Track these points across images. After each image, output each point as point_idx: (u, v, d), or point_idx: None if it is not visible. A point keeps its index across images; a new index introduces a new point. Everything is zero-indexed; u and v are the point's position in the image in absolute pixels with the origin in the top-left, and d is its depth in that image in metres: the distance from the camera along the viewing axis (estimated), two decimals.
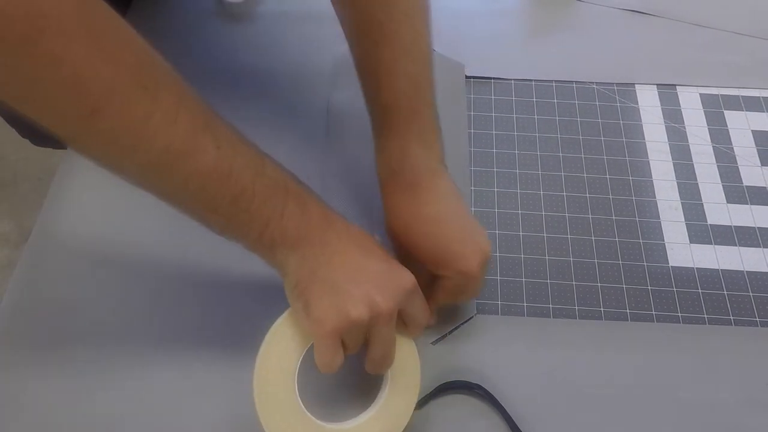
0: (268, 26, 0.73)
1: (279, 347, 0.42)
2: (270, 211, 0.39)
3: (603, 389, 0.50)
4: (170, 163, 0.35)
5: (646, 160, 0.63)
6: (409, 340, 0.47)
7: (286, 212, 0.39)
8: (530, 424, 0.48)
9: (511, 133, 0.65)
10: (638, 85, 0.69)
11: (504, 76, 0.69)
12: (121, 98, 0.32)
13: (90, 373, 0.50)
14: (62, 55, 0.30)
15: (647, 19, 0.74)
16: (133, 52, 0.34)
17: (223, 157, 0.36)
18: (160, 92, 0.34)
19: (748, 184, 0.62)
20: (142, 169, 0.36)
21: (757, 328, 0.53)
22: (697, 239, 0.58)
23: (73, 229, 0.57)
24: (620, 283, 0.55)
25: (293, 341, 0.43)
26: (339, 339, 0.41)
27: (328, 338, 0.40)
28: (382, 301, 0.40)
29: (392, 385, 0.46)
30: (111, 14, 0.33)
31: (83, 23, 0.30)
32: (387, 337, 0.42)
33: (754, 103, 0.68)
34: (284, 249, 0.40)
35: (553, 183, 0.62)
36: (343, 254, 0.41)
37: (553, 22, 0.74)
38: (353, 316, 0.39)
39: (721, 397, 0.50)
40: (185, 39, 0.71)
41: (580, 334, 0.53)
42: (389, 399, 0.45)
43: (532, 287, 0.55)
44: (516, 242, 0.58)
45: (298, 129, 0.64)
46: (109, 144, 0.34)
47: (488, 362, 0.51)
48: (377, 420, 0.45)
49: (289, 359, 0.42)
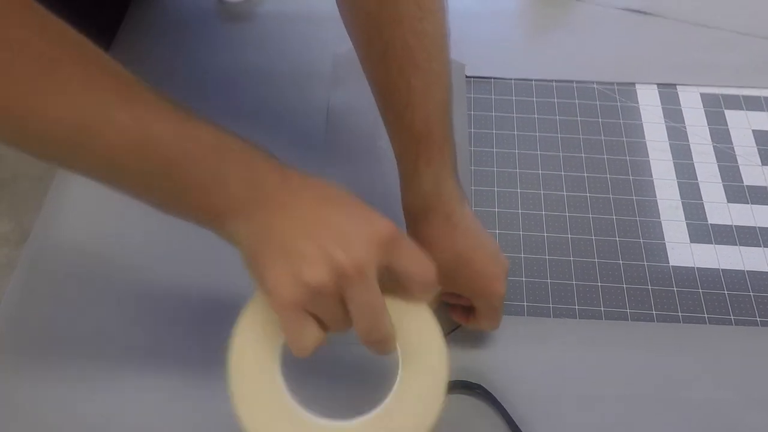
0: (268, 26, 0.72)
1: (252, 336, 0.36)
2: (208, 178, 0.34)
3: (603, 389, 0.50)
4: (76, 141, 0.33)
5: (647, 159, 0.63)
6: (422, 308, 0.37)
7: (229, 177, 0.34)
8: (530, 424, 0.48)
9: (511, 132, 0.65)
10: (638, 85, 0.69)
11: (504, 75, 0.69)
12: (14, 76, 0.31)
13: (90, 372, 0.50)
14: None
15: (647, 19, 0.74)
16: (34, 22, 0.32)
17: (138, 127, 0.33)
18: (60, 65, 0.32)
19: (749, 183, 0.62)
20: (44, 147, 0.34)
21: (757, 327, 0.53)
22: (698, 239, 0.58)
23: (73, 229, 0.57)
24: (620, 283, 0.55)
25: (268, 326, 0.36)
26: (302, 311, 0.34)
27: (288, 311, 0.33)
28: (344, 256, 0.32)
29: (407, 368, 0.37)
30: None
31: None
32: (368, 302, 0.34)
33: (754, 103, 0.68)
34: (233, 218, 0.35)
35: (553, 182, 0.61)
36: (299, 209, 0.35)
37: (553, 21, 0.74)
38: (308, 279, 0.32)
39: (721, 397, 0.50)
40: (185, 39, 0.71)
41: (580, 334, 0.53)
42: (405, 385, 0.37)
43: (532, 287, 0.55)
44: (516, 242, 0.58)
45: (298, 129, 0.64)
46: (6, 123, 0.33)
47: (488, 362, 0.51)
48: (393, 412, 0.36)
49: (267, 348, 0.36)
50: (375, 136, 0.64)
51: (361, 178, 0.61)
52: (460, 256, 0.46)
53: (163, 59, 0.69)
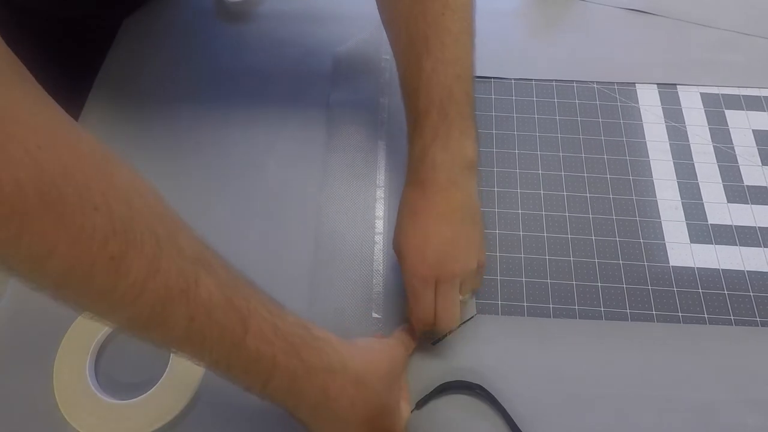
0: (268, 26, 0.73)
1: (70, 350, 0.50)
2: (251, 380, 0.38)
3: (603, 389, 0.50)
4: (136, 332, 0.34)
5: (647, 159, 0.63)
6: None
7: (269, 384, 0.38)
8: (530, 424, 0.48)
9: (511, 132, 0.65)
10: (639, 85, 0.69)
11: (504, 75, 0.69)
12: (82, 274, 0.30)
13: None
14: (19, 234, 0.28)
15: (648, 19, 0.74)
16: (103, 217, 0.30)
17: (195, 329, 0.34)
18: (127, 260, 0.31)
19: (749, 183, 0.62)
20: (113, 325, 0.34)
21: (757, 327, 0.53)
22: (698, 239, 0.58)
23: None
24: (620, 283, 0.55)
25: (84, 341, 0.50)
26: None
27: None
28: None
29: (174, 359, 0.50)
30: (79, 181, 0.30)
31: (43, 200, 0.28)
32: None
33: (754, 103, 0.68)
34: (276, 402, 0.40)
35: (553, 182, 0.61)
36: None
37: (553, 21, 0.74)
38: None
39: (721, 397, 0.50)
40: (185, 39, 0.71)
41: (580, 334, 0.53)
42: (173, 370, 0.50)
43: (532, 287, 0.55)
44: (516, 242, 0.58)
45: (298, 129, 0.64)
46: (78, 310, 0.33)
47: (488, 362, 0.51)
48: (164, 388, 0.49)
49: (81, 359, 0.50)
50: (375, 136, 0.64)
51: (360, 178, 0.61)
52: (404, 232, 0.49)
53: (163, 59, 0.69)
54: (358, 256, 0.56)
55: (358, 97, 0.66)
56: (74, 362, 0.50)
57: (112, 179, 0.32)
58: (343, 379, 0.40)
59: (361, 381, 0.41)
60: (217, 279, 0.35)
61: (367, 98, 0.66)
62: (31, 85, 0.31)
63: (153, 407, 0.48)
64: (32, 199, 0.27)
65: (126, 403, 0.48)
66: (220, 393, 0.49)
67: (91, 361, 0.50)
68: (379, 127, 0.64)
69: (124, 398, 0.49)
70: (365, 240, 0.57)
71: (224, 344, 0.35)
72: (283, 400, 0.39)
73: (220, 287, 0.35)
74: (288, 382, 0.38)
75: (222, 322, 0.35)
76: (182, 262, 0.33)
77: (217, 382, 0.38)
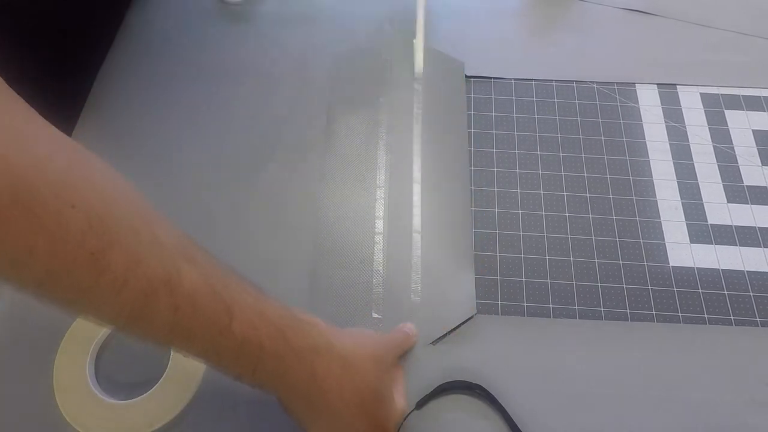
0: (268, 26, 0.72)
1: (70, 351, 0.50)
2: (241, 368, 0.38)
3: (603, 389, 0.50)
4: (121, 326, 0.34)
5: (647, 159, 0.63)
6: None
7: (258, 370, 0.38)
8: (530, 424, 0.48)
9: (511, 132, 0.65)
10: (639, 85, 0.69)
11: (504, 75, 0.69)
12: (62, 271, 0.30)
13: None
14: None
15: (648, 19, 0.74)
16: (80, 214, 0.30)
17: (180, 320, 0.34)
18: (107, 254, 0.31)
19: (749, 183, 0.62)
20: (98, 321, 0.34)
21: (757, 328, 0.53)
22: (698, 239, 0.58)
23: None
24: (620, 283, 0.55)
25: (84, 341, 0.51)
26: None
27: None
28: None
29: (174, 359, 0.50)
30: (54, 180, 0.29)
31: (18, 201, 0.27)
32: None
33: (754, 103, 0.68)
34: (267, 388, 0.40)
35: (553, 183, 0.61)
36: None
37: (553, 21, 0.74)
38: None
39: (721, 397, 0.50)
40: (185, 39, 0.71)
41: (580, 334, 0.53)
42: (173, 370, 0.50)
43: (532, 287, 0.55)
44: (516, 242, 0.58)
45: (298, 129, 0.64)
46: (63, 308, 0.33)
47: (488, 362, 0.51)
48: (164, 388, 0.49)
49: (81, 359, 0.50)
50: (375, 136, 0.64)
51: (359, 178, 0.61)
52: None
53: (164, 59, 0.69)
54: (358, 256, 0.56)
55: (358, 97, 0.66)
56: (74, 362, 0.50)
57: (87, 176, 0.31)
58: (329, 359, 0.40)
59: (347, 361, 0.42)
60: (199, 268, 0.35)
61: (367, 98, 0.66)
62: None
63: (153, 407, 0.48)
64: (6, 201, 0.27)
65: (126, 403, 0.49)
66: (220, 393, 0.49)
67: (91, 361, 0.50)
68: (379, 127, 0.64)
69: (124, 398, 0.49)
70: (365, 240, 0.57)
71: (210, 333, 0.35)
72: (274, 386, 0.39)
73: (202, 276, 0.35)
74: (275, 365, 0.38)
75: (207, 310, 0.35)
76: (162, 253, 0.33)
77: (217, 383, 0.38)
